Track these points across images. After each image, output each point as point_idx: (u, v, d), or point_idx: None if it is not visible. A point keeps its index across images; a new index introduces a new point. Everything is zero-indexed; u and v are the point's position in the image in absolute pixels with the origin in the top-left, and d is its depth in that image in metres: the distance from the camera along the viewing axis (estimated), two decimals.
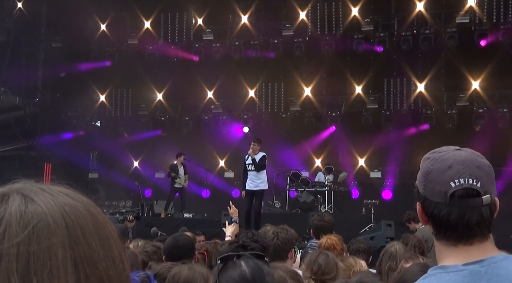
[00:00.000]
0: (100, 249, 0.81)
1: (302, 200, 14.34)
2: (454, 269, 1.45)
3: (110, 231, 0.85)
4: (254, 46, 17.81)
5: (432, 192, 1.52)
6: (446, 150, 1.58)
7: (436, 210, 1.50)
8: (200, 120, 18.27)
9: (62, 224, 0.79)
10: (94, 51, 18.92)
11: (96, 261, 0.80)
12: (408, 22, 16.66)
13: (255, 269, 2.09)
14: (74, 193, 0.86)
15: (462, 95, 16.21)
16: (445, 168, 1.51)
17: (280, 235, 4.27)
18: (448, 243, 1.50)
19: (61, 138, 18.63)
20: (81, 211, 0.82)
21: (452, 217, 1.47)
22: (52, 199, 0.81)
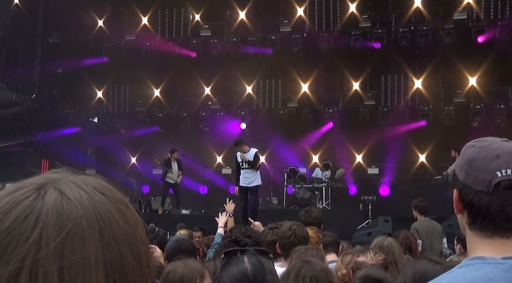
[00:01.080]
0: (129, 254, 0.79)
1: (299, 196, 14.36)
2: (494, 261, 1.40)
3: (140, 232, 0.83)
4: (252, 43, 17.79)
5: (474, 180, 1.46)
6: (493, 140, 1.53)
7: (476, 198, 1.44)
8: (197, 116, 18.26)
9: (95, 228, 0.77)
10: (91, 47, 18.87)
11: (124, 266, 0.78)
12: (405, 19, 16.66)
13: (257, 267, 2.09)
14: (108, 189, 0.84)
15: (459, 92, 16.24)
16: (493, 156, 1.45)
17: (297, 232, 4.26)
18: (483, 234, 1.45)
19: (58, 135, 18.59)
20: (113, 213, 0.80)
21: (493, 207, 1.42)
22: (88, 198, 0.79)
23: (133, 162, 18.64)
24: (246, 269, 2.07)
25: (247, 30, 17.82)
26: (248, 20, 17.80)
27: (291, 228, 4.29)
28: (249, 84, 17.98)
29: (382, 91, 17.16)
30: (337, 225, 10.77)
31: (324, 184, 14.77)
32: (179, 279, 2.91)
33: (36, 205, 0.76)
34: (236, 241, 3.56)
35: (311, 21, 17.44)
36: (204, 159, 16.83)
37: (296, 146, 17.02)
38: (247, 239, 3.59)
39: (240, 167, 11.63)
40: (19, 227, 0.74)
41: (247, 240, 3.58)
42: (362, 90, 17.06)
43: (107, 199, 0.81)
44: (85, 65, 18.66)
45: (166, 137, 17.49)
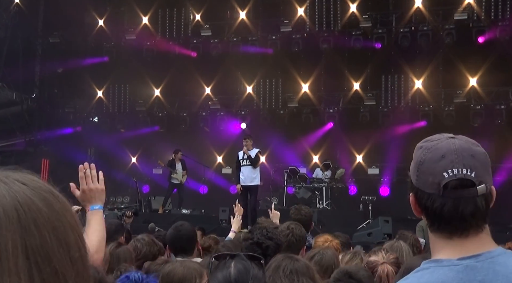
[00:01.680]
0: (54, 239, 0.80)
1: (299, 196, 14.36)
2: (449, 263, 1.41)
3: (68, 219, 0.84)
4: (252, 42, 17.78)
5: (424, 183, 1.46)
6: (439, 138, 1.53)
7: (429, 202, 1.44)
8: (197, 116, 18.25)
9: (14, 215, 0.78)
10: (91, 46, 18.87)
11: (49, 252, 0.79)
12: (406, 19, 16.65)
13: (241, 272, 2.10)
14: (32, 180, 0.85)
15: (459, 92, 16.22)
16: (438, 157, 1.46)
17: (295, 231, 4.26)
18: (442, 236, 1.45)
19: (59, 134, 18.59)
20: (35, 201, 0.81)
21: (446, 209, 1.42)
22: (6, 189, 0.81)
23: (133, 162, 18.64)
24: (230, 273, 2.08)
25: (247, 30, 17.81)
26: (248, 20, 17.80)
27: (289, 227, 4.29)
28: (249, 84, 17.98)
29: (382, 91, 17.15)
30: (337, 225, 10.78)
31: (324, 184, 14.77)
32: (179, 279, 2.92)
33: None
34: (258, 243, 3.54)
35: (311, 21, 17.43)
36: (204, 159, 16.84)
37: (296, 145, 17.02)
38: (269, 241, 3.57)
39: (240, 164, 11.66)
40: None
41: (269, 242, 3.56)
42: (362, 90, 17.05)
43: (29, 188, 0.83)
44: (86, 65, 18.66)
45: (166, 137, 17.50)
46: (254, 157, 11.52)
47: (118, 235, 5.50)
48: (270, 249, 3.56)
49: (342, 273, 3.05)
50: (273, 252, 3.62)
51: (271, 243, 3.58)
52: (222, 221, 13.16)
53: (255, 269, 2.16)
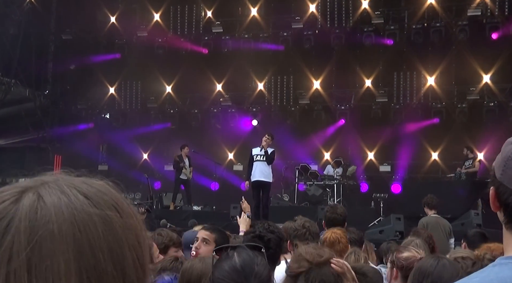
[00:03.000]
0: (109, 262, 0.76)
1: (311, 193, 14.34)
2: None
3: (128, 238, 0.79)
4: (264, 39, 17.76)
5: (510, 179, 1.42)
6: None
7: (511, 198, 1.41)
8: (209, 113, 18.28)
9: (69, 234, 0.74)
10: (103, 43, 18.96)
11: (102, 274, 0.75)
12: (418, 15, 16.55)
13: (246, 259, 2.12)
14: (97, 193, 0.81)
15: (472, 89, 16.09)
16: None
17: (311, 229, 4.26)
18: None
19: (71, 131, 18.72)
20: (93, 218, 0.77)
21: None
22: (66, 202, 0.76)
23: (145, 158, 18.71)
24: (235, 261, 2.10)
25: (259, 27, 17.80)
26: (260, 16, 17.78)
27: (304, 225, 4.29)
28: (260, 81, 17.96)
29: (394, 88, 17.07)
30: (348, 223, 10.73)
31: (336, 181, 14.73)
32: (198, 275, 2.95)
33: (10, 209, 0.74)
34: (260, 236, 3.57)
35: (323, 18, 17.37)
36: (215, 156, 16.85)
37: (307, 142, 16.99)
38: (271, 234, 3.60)
39: (253, 159, 11.64)
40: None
41: (270, 235, 3.59)
42: (374, 87, 16.98)
43: (91, 203, 0.78)
44: (98, 62, 18.76)
45: (177, 134, 17.54)
46: (270, 154, 11.53)
47: None
48: (272, 242, 3.58)
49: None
50: (274, 245, 3.64)
51: (272, 236, 3.60)
52: (233, 217, 13.14)
53: (259, 257, 2.17)
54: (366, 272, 3.00)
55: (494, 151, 15.41)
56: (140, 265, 0.80)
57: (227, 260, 2.12)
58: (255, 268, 2.11)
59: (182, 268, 3.08)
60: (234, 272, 2.07)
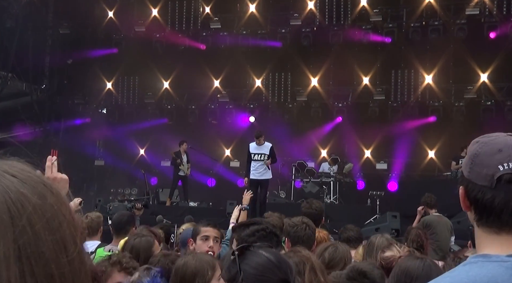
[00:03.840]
0: (49, 237, 0.74)
1: (307, 190, 14.35)
2: (498, 259, 1.39)
3: (63, 212, 0.78)
4: (262, 36, 17.74)
5: (477, 175, 1.45)
6: (497, 135, 1.52)
7: (480, 194, 1.44)
8: (206, 109, 18.26)
9: (5, 215, 0.72)
10: (101, 38, 18.89)
11: (44, 251, 0.74)
12: (417, 13, 16.54)
13: (278, 255, 2.13)
14: (22, 170, 0.78)
15: (470, 88, 16.11)
16: (495, 151, 1.45)
17: (310, 224, 4.27)
18: (490, 231, 1.44)
19: (68, 125, 18.68)
20: (28, 196, 0.75)
21: (497, 202, 1.41)
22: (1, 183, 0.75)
23: (141, 154, 18.68)
24: (270, 257, 2.08)
25: (257, 23, 17.76)
26: (258, 13, 17.74)
27: (303, 221, 4.29)
28: (258, 78, 17.94)
29: (392, 86, 17.07)
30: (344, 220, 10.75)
31: (332, 178, 14.74)
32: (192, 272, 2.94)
33: None
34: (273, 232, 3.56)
35: (321, 15, 17.35)
36: (212, 152, 16.85)
37: (304, 140, 16.99)
38: (279, 231, 3.62)
39: (251, 158, 11.62)
40: None
41: (279, 232, 3.61)
42: (372, 85, 16.98)
43: (20, 181, 0.76)
44: (95, 56, 18.70)
45: (174, 130, 17.51)
46: (270, 151, 11.56)
47: (129, 226, 5.51)
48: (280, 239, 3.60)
49: (356, 271, 3.00)
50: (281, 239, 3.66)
51: (280, 233, 3.62)
52: (230, 214, 13.15)
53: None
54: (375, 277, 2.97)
55: None
56: (79, 237, 0.80)
57: (257, 256, 2.08)
58: (289, 264, 2.12)
59: (176, 266, 3.06)
60: (273, 267, 2.04)
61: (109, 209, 11.15)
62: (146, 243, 3.87)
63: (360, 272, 2.97)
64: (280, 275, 2.03)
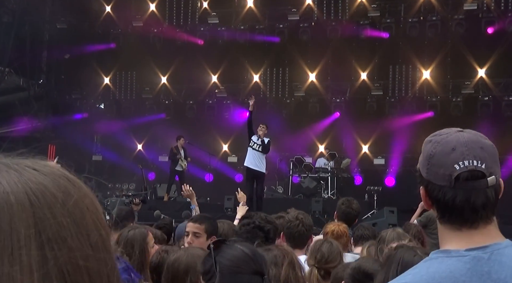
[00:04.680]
0: (72, 226, 0.76)
1: (305, 185, 14.37)
2: (457, 254, 1.43)
3: (87, 205, 0.80)
4: (259, 31, 17.71)
5: (435, 176, 1.48)
6: (448, 132, 1.55)
7: (441, 194, 1.46)
8: (204, 104, 18.24)
9: (26, 203, 0.75)
10: (98, 33, 18.84)
11: (67, 239, 0.75)
12: (415, 9, 16.53)
13: (253, 249, 2.18)
14: (44, 166, 0.81)
15: (467, 83, 16.13)
16: (449, 150, 1.47)
17: (304, 221, 4.27)
18: (452, 227, 1.47)
19: (65, 120, 18.64)
20: (49, 187, 0.78)
21: (458, 200, 1.44)
22: (17, 176, 0.77)
23: (139, 149, 18.67)
24: (246, 250, 2.13)
25: (255, 18, 17.73)
26: (256, 8, 17.70)
27: (298, 217, 4.30)
28: (256, 73, 17.93)
29: (390, 81, 17.08)
30: None
31: (330, 173, 14.76)
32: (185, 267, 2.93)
33: None
34: (260, 227, 3.58)
35: (319, 10, 17.33)
36: (210, 147, 16.84)
37: (302, 135, 16.99)
38: (269, 225, 3.62)
39: (251, 147, 11.76)
40: None
41: (269, 225, 3.62)
42: (369, 80, 16.98)
43: (41, 174, 0.79)
44: (93, 51, 18.65)
45: (172, 125, 17.50)
46: (266, 143, 11.66)
47: (128, 221, 5.53)
48: (271, 232, 3.60)
49: (362, 273, 2.96)
50: (273, 235, 3.66)
51: (271, 226, 3.63)
52: (228, 209, 13.20)
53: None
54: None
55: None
56: (102, 227, 0.81)
57: (232, 249, 2.13)
58: (264, 257, 2.16)
59: (167, 262, 3.05)
60: (248, 259, 2.09)
61: (106, 204, 11.17)
62: (140, 235, 3.88)
63: (366, 274, 2.94)
64: (254, 267, 2.07)
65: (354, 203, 5.85)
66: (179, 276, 2.92)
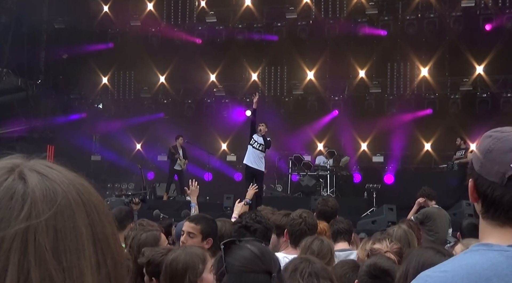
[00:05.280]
0: (108, 225, 0.81)
1: (304, 183, 14.37)
2: (499, 248, 1.43)
3: (102, 202, 0.84)
4: (257, 29, 17.71)
5: (489, 171, 1.47)
6: (510, 131, 1.53)
7: (490, 190, 1.46)
8: (202, 103, 18.24)
9: (80, 202, 0.78)
10: (96, 33, 18.83)
11: (108, 236, 0.80)
12: (412, 6, 16.54)
13: (262, 248, 2.18)
14: (62, 167, 0.84)
15: (465, 80, 16.14)
16: (508, 149, 1.46)
17: (308, 220, 4.27)
18: (494, 223, 1.47)
19: (64, 120, 18.63)
20: (89, 188, 0.82)
21: (506, 199, 1.44)
22: (63, 176, 0.80)
23: (138, 148, 18.67)
24: (254, 250, 2.14)
25: (252, 17, 17.72)
26: (254, 6, 17.70)
27: (301, 216, 4.30)
28: (254, 71, 17.92)
29: (388, 79, 17.08)
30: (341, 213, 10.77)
31: (329, 171, 14.76)
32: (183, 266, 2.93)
33: (17, 186, 0.77)
34: (246, 226, 3.59)
35: (317, 8, 17.33)
36: (208, 146, 16.83)
37: (301, 133, 17.00)
38: (257, 225, 3.61)
39: (252, 145, 11.78)
40: (7, 206, 0.75)
41: (257, 225, 3.61)
42: (368, 78, 16.99)
43: (76, 176, 0.83)
44: (91, 51, 18.64)
45: (171, 124, 17.49)
46: (266, 142, 11.72)
47: (127, 222, 5.52)
48: (259, 232, 3.59)
49: (378, 270, 2.94)
50: (261, 235, 3.65)
51: (259, 226, 3.62)
52: (227, 208, 13.19)
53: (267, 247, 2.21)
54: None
55: None
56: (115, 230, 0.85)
57: (241, 250, 2.14)
58: (273, 256, 2.17)
59: (166, 261, 3.04)
60: (256, 258, 2.10)
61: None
62: (153, 238, 3.86)
63: (383, 270, 2.94)
64: (263, 267, 2.08)
65: (330, 200, 5.89)
66: (178, 275, 2.92)
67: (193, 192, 6.41)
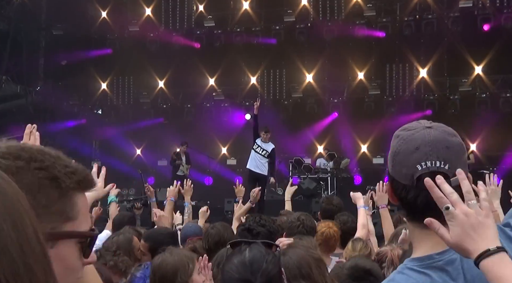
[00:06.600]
0: (13, 232, 0.71)
1: (304, 186, 14.35)
2: (430, 259, 1.41)
3: (25, 207, 0.75)
4: (256, 33, 17.72)
5: (399, 174, 1.45)
6: (416, 127, 1.51)
7: (404, 192, 1.44)
8: (202, 107, 18.24)
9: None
10: (95, 38, 18.84)
11: (8, 245, 0.70)
12: (410, 7, 16.56)
13: (256, 256, 2.14)
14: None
15: (464, 81, 16.15)
16: (412, 149, 1.44)
17: (306, 222, 4.27)
18: (419, 225, 1.43)
19: (63, 127, 18.62)
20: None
21: (419, 201, 1.41)
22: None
23: (138, 153, 18.66)
24: (245, 256, 2.12)
25: (251, 21, 17.74)
26: (252, 10, 17.72)
27: (299, 218, 4.30)
28: (253, 75, 17.93)
29: (387, 80, 17.09)
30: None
31: (329, 174, 14.75)
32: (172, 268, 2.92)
33: None
34: (249, 229, 3.58)
35: (315, 11, 17.35)
36: (209, 150, 16.84)
37: (300, 136, 16.99)
38: (261, 228, 3.60)
39: (255, 150, 11.83)
40: None
41: (260, 229, 3.60)
42: (367, 79, 17.00)
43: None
44: (89, 57, 18.65)
45: (170, 129, 17.50)
46: (271, 152, 11.78)
47: None
48: (261, 236, 3.58)
49: (361, 270, 2.94)
50: (264, 239, 3.64)
51: (262, 229, 3.61)
52: (228, 212, 13.16)
53: (270, 255, 2.19)
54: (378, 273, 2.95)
55: (486, 142, 15.47)
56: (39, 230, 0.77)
57: (238, 255, 2.14)
58: (263, 265, 2.12)
59: (152, 265, 3.04)
60: (242, 266, 2.09)
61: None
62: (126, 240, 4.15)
63: (365, 270, 2.94)
64: (245, 276, 2.06)
65: (334, 199, 5.94)
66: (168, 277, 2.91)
67: (186, 191, 6.52)
